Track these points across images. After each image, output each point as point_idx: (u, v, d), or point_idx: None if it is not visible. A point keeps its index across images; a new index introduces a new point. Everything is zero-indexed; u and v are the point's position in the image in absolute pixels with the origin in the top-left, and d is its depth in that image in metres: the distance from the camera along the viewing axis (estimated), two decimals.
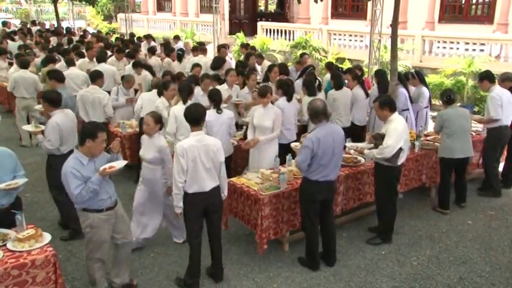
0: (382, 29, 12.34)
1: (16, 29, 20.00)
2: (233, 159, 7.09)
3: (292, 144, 6.68)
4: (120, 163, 4.67)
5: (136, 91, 8.99)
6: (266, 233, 5.46)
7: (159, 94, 7.19)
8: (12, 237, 4.25)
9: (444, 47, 14.45)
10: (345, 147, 5.85)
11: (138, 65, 9.61)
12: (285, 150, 6.67)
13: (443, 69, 13.23)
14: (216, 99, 6.41)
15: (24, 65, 9.82)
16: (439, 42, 14.63)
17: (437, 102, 11.11)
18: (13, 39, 15.73)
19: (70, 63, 9.92)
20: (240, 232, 6.15)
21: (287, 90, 7.01)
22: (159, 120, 5.41)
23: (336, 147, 5.08)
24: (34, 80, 9.69)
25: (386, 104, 5.69)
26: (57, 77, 7.60)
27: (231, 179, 5.88)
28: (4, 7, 38.38)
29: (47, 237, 4.33)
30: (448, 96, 6.75)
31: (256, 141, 6.37)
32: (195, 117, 4.82)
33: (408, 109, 8.12)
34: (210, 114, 6.19)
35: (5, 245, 4.17)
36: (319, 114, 5.06)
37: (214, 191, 4.89)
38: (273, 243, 5.74)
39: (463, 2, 16.79)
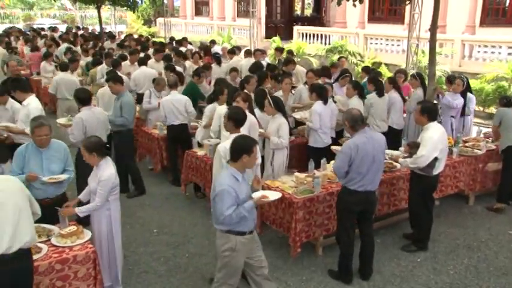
0: (420, 33, 12.14)
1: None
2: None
3: (333, 147, 6.57)
4: (275, 195, 4.50)
5: None
6: (300, 237, 5.42)
7: (214, 100, 7.12)
8: (55, 233, 4.39)
9: (485, 52, 14.04)
10: None
11: (169, 69, 9.73)
12: (321, 154, 6.62)
13: (483, 74, 12.89)
14: (259, 101, 6.63)
15: (64, 68, 10.09)
16: (479, 46, 14.22)
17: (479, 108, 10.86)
18: (58, 44, 16.22)
19: (116, 65, 10.14)
20: (274, 235, 6.11)
21: (321, 94, 6.99)
22: None
23: (376, 154, 4.88)
24: (75, 82, 9.90)
25: (426, 111, 5.52)
26: (118, 79, 7.63)
27: (266, 181, 5.90)
28: (52, 13, 39.67)
29: (88, 234, 4.45)
30: (506, 99, 7.05)
31: (267, 134, 6.31)
32: (239, 119, 4.86)
33: (454, 116, 7.97)
34: (263, 115, 6.52)
35: (49, 240, 4.30)
36: (357, 122, 4.94)
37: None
38: (307, 247, 5.69)
39: (507, 5, 16.30)
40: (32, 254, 3.83)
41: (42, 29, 23.27)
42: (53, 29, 21.88)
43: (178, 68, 10.24)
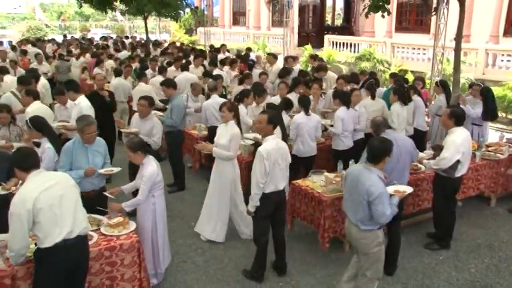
0: (445, 43, 11.88)
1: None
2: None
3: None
4: (407, 188, 4.47)
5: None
6: (328, 233, 5.39)
7: (240, 101, 7.23)
8: (104, 223, 4.49)
9: (508, 60, 13.63)
10: None
11: (206, 75, 9.73)
12: (343, 156, 6.60)
13: (506, 82, 12.50)
14: (305, 104, 6.65)
15: (118, 74, 10.28)
16: (503, 55, 13.82)
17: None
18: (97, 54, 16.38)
19: (162, 70, 10.34)
20: (303, 231, 6.09)
21: (344, 100, 6.99)
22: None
23: (400, 155, 4.83)
24: (128, 86, 10.08)
25: (454, 116, 5.40)
26: (171, 84, 7.74)
27: (297, 181, 5.88)
28: (105, 24, 40.67)
29: (133, 225, 4.53)
30: None
31: (209, 148, 5.83)
32: (274, 122, 4.84)
33: (481, 125, 7.76)
34: (301, 116, 6.62)
35: (99, 229, 4.40)
36: (380, 127, 5.01)
37: (283, 190, 4.93)
38: (334, 243, 5.64)
39: None
40: (88, 241, 3.95)
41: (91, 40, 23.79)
42: (104, 39, 22.40)
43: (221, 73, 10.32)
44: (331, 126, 7.14)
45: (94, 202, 4.70)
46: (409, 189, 4.42)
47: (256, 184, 4.71)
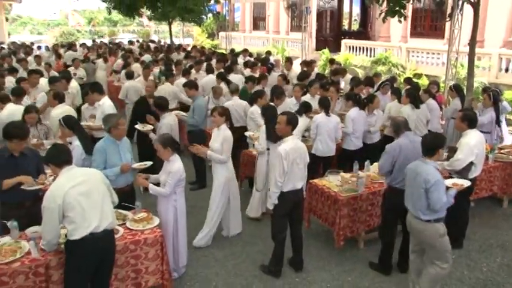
0: (459, 47, 11.68)
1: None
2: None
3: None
4: (464, 182, 4.54)
5: None
6: (343, 231, 5.36)
7: (254, 102, 7.26)
8: (130, 218, 4.54)
9: None
10: None
11: (220, 77, 9.63)
12: (353, 156, 6.60)
13: None
14: (325, 105, 6.69)
15: (130, 76, 10.40)
16: None
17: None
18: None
19: (185, 73, 10.43)
20: (320, 229, 6.05)
21: (357, 101, 6.98)
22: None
23: (418, 156, 4.63)
24: (139, 88, 10.09)
25: (466, 119, 5.36)
26: (193, 85, 7.83)
27: (314, 180, 5.84)
28: (132, 29, 41.16)
29: (156, 220, 4.57)
30: None
31: (203, 150, 5.67)
32: (293, 123, 4.83)
33: (489, 132, 7.57)
34: (321, 117, 6.62)
35: (124, 223, 4.46)
36: (400, 128, 4.92)
37: (301, 189, 4.91)
38: (350, 241, 5.59)
39: None
40: (114, 235, 4.00)
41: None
42: (131, 43, 22.63)
43: (235, 76, 10.36)
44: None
45: (125, 197, 4.75)
46: (466, 183, 4.51)
47: (274, 183, 4.70)
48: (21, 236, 4.15)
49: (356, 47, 18.91)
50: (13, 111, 6.30)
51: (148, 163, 5.15)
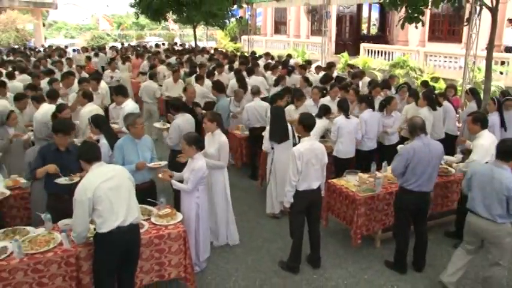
0: (476, 52, 11.44)
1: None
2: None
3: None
4: None
5: None
6: (360, 229, 5.31)
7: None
8: (154, 213, 4.59)
9: None
10: None
11: (238, 81, 9.56)
12: (366, 157, 6.55)
13: None
14: (345, 108, 6.62)
15: (151, 77, 10.66)
16: None
17: None
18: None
19: (209, 75, 10.56)
20: (337, 227, 6.01)
21: (370, 103, 6.91)
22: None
23: (431, 159, 4.69)
24: (154, 89, 10.31)
25: (478, 120, 5.27)
26: (219, 87, 7.94)
27: (332, 180, 5.81)
28: (158, 32, 41.58)
29: (180, 216, 4.59)
30: None
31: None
32: (309, 124, 4.81)
33: None
34: (341, 119, 6.57)
35: (149, 218, 4.51)
36: (416, 129, 4.76)
37: (318, 189, 4.87)
38: (366, 240, 5.55)
39: None
40: (139, 229, 4.05)
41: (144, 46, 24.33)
42: (157, 45, 22.88)
43: (257, 78, 10.39)
44: None
45: (145, 194, 4.80)
46: None
47: (289, 181, 4.71)
48: (54, 227, 4.25)
49: (374, 51, 18.68)
50: (47, 110, 6.44)
51: (163, 163, 5.15)
